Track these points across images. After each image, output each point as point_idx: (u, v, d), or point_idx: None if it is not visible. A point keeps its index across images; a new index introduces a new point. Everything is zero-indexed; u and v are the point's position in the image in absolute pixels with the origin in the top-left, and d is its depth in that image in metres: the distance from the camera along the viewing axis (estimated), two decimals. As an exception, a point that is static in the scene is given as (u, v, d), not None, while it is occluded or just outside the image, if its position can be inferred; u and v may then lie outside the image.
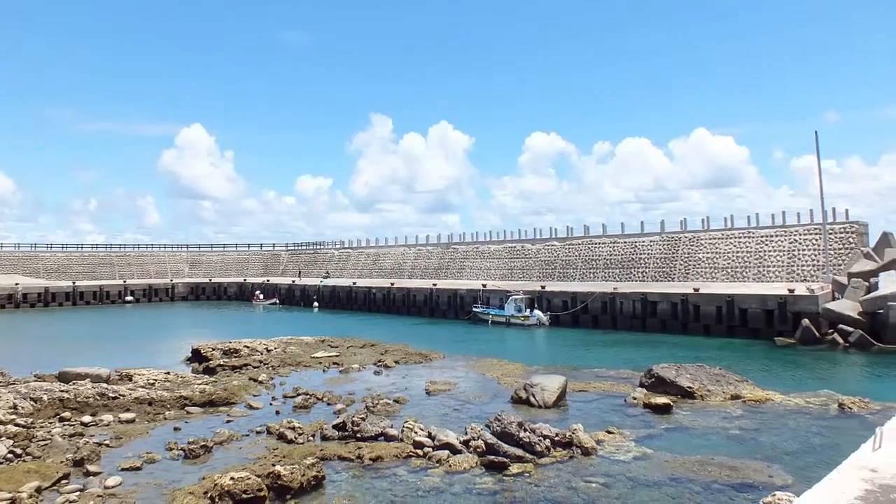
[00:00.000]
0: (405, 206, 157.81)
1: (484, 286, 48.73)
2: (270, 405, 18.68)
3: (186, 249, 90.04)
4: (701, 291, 35.87)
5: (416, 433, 14.42)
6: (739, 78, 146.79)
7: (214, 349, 27.78)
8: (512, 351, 30.14)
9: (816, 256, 41.36)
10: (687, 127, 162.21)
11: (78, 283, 70.30)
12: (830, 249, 40.21)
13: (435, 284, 53.73)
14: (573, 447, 13.57)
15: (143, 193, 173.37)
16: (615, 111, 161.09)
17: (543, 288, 44.29)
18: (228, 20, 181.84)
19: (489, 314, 43.43)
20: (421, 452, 13.48)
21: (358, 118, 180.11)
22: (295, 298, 68.19)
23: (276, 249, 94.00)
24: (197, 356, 27.69)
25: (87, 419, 16.36)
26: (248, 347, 28.27)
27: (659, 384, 19.21)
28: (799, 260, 42.40)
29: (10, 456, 12.95)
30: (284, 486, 11.19)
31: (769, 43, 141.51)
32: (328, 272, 77.54)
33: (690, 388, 18.74)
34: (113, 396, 18.33)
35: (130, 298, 70.88)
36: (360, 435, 14.56)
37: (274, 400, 19.39)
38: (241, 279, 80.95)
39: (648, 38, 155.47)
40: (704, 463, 12.71)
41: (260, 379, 22.44)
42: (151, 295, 73.83)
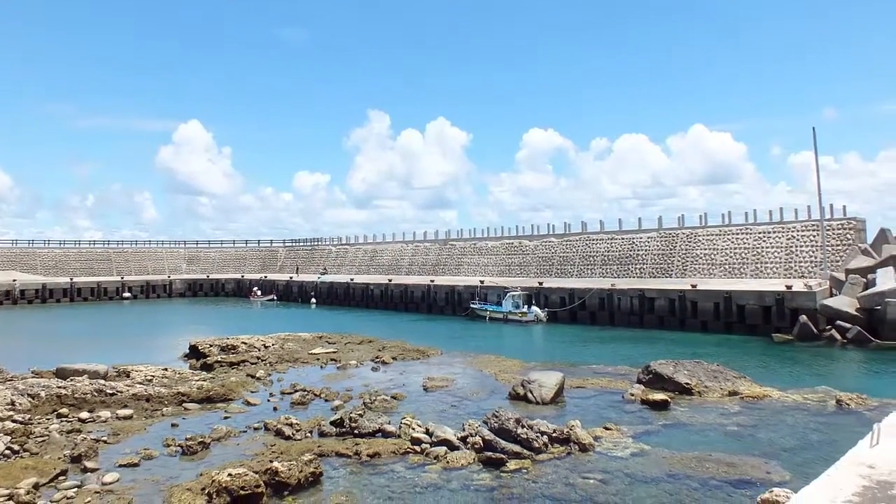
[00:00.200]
0: (403, 202, 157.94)
1: (481, 282, 48.75)
2: (268, 401, 18.67)
3: (184, 246, 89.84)
4: (698, 288, 35.93)
5: (413, 429, 14.42)
6: (737, 74, 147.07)
7: (212, 345, 27.76)
8: (509, 347, 30.12)
9: (814, 253, 41.42)
10: (684, 123, 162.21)
11: (75, 279, 70.13)
12: (828, 246, 40.31)
13: (432, 281, 53.73)
14: (571, 443, 13.60)
15: (140, 189, 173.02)
16: (612, 107, 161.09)
17: (541, 284, 44.32)
18: (226, 16, 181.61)
19: (487, 310, 43.42)
20: (418, 449, 13.49)
21: (355, 114, 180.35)
22: (292, 295, 68.26)
23: (273, 246, 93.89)
24: (194, 352, 27.72)
25: (84, 415, 16.37)
26: (245, 344, 28.23)
27: (656, 380, 19.23)
28: (796, 256, 42.44)
29: (7, 452, 12.93)
30: (282, 482, 11.19)
31: (767, 39, 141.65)
32: (325, 268, 77.50)
33: (688, 384, 18.77)
34: (110, 393, 18.33)
35: (128, 295, 70.79)
36: (357, 431, 14.57)
37: (271, 396, 19.37)
38: (238, 276, 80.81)
39: (646, 34, 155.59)
40: (702, 459, 12.73)
41: (257, 375, 22.42)
42: (149, 291, 73.74)
